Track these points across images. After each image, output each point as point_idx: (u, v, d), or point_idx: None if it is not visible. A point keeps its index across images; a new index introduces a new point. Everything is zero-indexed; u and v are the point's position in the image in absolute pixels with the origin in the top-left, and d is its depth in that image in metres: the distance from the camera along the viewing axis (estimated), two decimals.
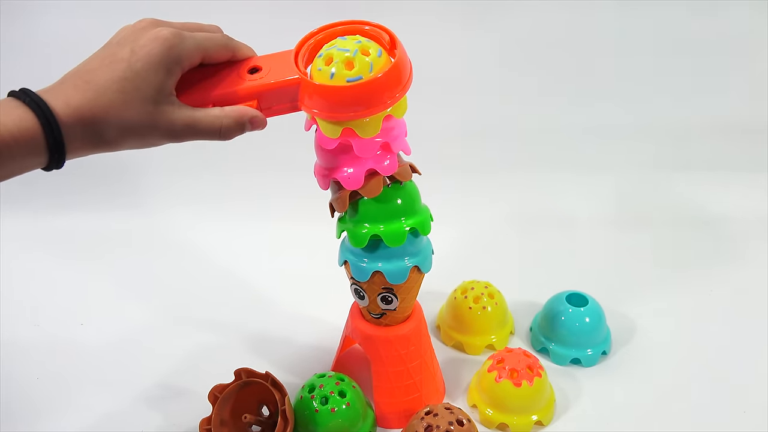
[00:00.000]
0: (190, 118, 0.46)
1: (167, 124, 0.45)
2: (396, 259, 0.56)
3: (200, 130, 0.46)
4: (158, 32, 0.44)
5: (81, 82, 0.43)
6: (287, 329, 0.76)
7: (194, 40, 0.46)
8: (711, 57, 1.01)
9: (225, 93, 0.48)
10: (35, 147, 0.41)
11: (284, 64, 0.49)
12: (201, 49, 0.47)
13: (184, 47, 0.45)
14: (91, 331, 0.77)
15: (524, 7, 0.98)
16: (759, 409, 0.64)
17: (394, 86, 0.48)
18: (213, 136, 0.47)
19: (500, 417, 0.62)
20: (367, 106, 0.48)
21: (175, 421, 0.63)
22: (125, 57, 0.43)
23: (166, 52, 0.44)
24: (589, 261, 0.88)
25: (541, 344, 0.71)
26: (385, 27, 0.51)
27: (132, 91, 0.43)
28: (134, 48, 0.44)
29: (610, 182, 1.01)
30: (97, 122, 0.42)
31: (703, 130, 1.03)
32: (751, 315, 0.77)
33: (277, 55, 0.50)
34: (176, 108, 0.45)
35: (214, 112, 0.47)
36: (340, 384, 0.59)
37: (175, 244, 0.93)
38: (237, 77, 0.49)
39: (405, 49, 0.50)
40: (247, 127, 0.48)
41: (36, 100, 0.41)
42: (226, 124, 0.47)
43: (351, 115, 0.48)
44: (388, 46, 0.50)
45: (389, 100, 0.48)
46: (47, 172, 0.44)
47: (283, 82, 0.49)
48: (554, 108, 1.03)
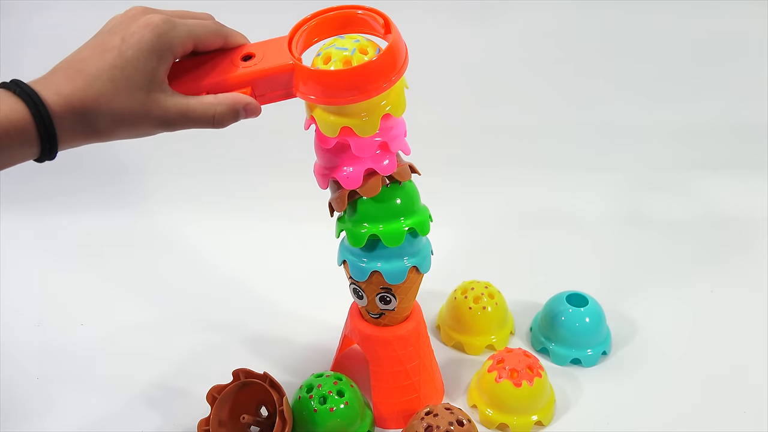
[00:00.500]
0: (183, 106, 0.45)
1: (160, 113, 0.44)
2: (395, 259, 0.56)
3: (193, 118, 0.45)
4: (149, 19, 0.44)
5: (72, 72, 0.42)
6: (286, 329, 0.75)
7: (186, 27, 0.45)
8: (713, 58, 1.01)
9: (218, 80, 0.48)
10: (27, 138, 0.40)
11: (278, 50, 0.49)
12: (193, 36, 0.46)
13: (176, 34, 0.45)
14: (91, 331, 0.77)
15: (526, 4, 0.98)
16: (759, 409, 0.63)
17: (389, 70, 0.47)
18: (206, 124, 0.46)
19: (500, 417, 0.62)
20: (362, 90, 0.47)
21: (173, 421, 0.63)
22: (116, 45, 0.43)
23: (157, 39, 0.43)
24: (589, 261, 0.88)
25: (541, 344, 0.71)
26: (378, 11, 0.50)
27: (123, 80, 0.42)
28: (125, 36, 0.43)
29: (610, 182, 1.01)
30: (89, 112, 0.42)
31: (702, 130, 1.03)
32: (752, 315, 0.76)
33: (271, 42, 0.50)
34: (168, 96, 0.45)
35: (207, 100, 0.46)
36: (338, 383, 0.59)
37: (175, 244, 0.93)
38: (230, 64, 0.48)
39: (400, 33, 0.49)
40: (241, 114, 0.47)
41: (27, 91, 0.41)
42: (219, 112, 0.46)
43: (347, 100, 0.48)
44: (383, 30, 0.49)
45: (385, 83, 0.48)
46: (39, 163, 0.43)
47: (277, 68, 0.48)
48: (554, 108, 1.03)
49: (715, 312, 0.77)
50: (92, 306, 0.81)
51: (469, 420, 0.56)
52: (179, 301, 0.81)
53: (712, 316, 0.77)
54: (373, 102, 0.49)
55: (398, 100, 0.51)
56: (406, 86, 0.52)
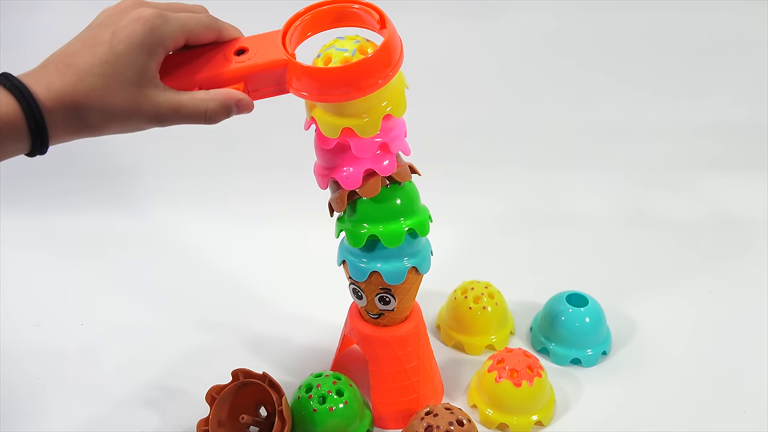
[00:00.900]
0: (174, 102, 0.44)
1: (151, 108, 0.44)
2: (394, 260, 0.56)
3: (185, 113, 0.45)
4: (140, 13, 0.43)
5: (62, 66, 0.42)
6: (285, 329, 0.75)
7: (178, 20, 0.45)
8: (715, 58, 1.01)
9: (211, 75, 0.47)
10: (17, 132, 0.40)
11: (272, 45, 0.48)
12: (185, 30, 0.45)
13: (167, 28, 0.44)
14: (91, 331, 0.77)
15: (526, 4, 0.98)
16: (759, 409, 0.63)
17: (385, 65, 0.47)
18: (198, 119, 0.46)
19: (500, 417, 0.62)
20: (357, 87, 0.46)
21: (173, 421, 0.63)
22: (106, 39, 0.42)
23: (148, 34, 0.43)
24: (589, 261, 0.88)
25: (541, 344, 0.71)
26: (373, 5, 0.49)
27: (113, 75, 0.42)
28: (115, 30, 0.42)
29: (609, 182, 1.01)
30: (79, 107, 0.42)
31: (702, 129, 1.03)
32: (752, 315, 0.76)
33: (265, 36, 0.49)
34: (160, 91, 0.44)
35: (199, 95, 0.45)
36: (337, 383, 0.59)
37: (174, 244, 0.93)
38: (223, 59, 0.48)
39: (395, 28, 0.48)
40: (234, 110, 0.46)
41: (17, 85, 0.40)
42: (211, 107, 0.45)
43: (342, 97, 0.47)
44: (378, 25, 0.49)
45: (381, 79, 0.47)
46: (31, 158, 0.43)
47: (270, 63, 0.47)
48: (553, 108, 1.03)
49: (715, 312, 0.77)
50: (92, 306, 0.81)
51: (469, 420, 0.56)
52: (179, 301, 0.81)
53: (712, 316, 0.77)
54: (374, 103, 0.49)
55: (399, 100, 0.51)
56: (407, 86, 0.52)
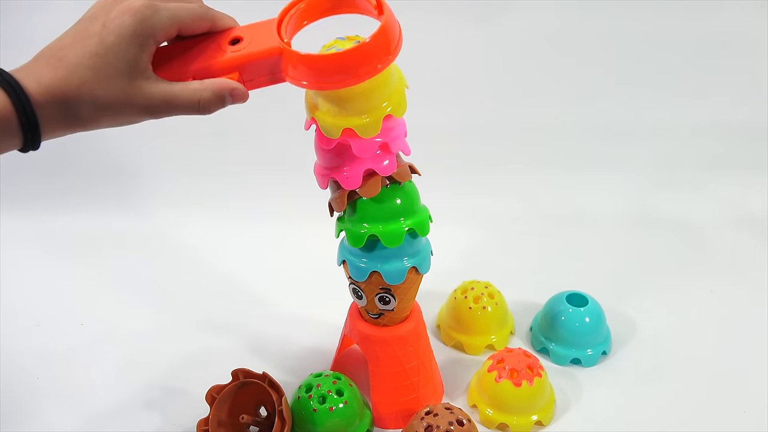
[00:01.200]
0: (167, 93, 0.44)
1: (143, 100, 0.43)
2: (394, 260, 0.56)
3: (178, 104, 0.44)
4: (130, 4, 0.43)
5: (53, 60, 0.41)
6: (285, 329, 0.75)
7: (169, 11, 0.44)
8: (716, 58, 1.01)
9: (205, 66, 0.46)
10: (9, 128, 0.40)
11: (267, 33, 0.47)
12: (176, 21, 0.45)
13: (158, 19, 0.43)
14: (91, 331, 0.77)
15: (529, 5, 0.98)
16: (759, 409, 0.63)
17: (383, 51, 0.46)
18: (192, 110, 0.45)
19: (500, 417, 0.61)
20: (354, 73, 0.46)
21: (173, 421, 0.63)
22: (97, 31, 0.42)
23: (138, 25, 0.42)
24: (589, 261, 0.88)
25: (541, 344, 0.71)
26: None
27: (104, 67, 0.41)
28: (105, 22, 0.42)
29: (609, 182, 1.01)
30: (71, 101, 0.41)
31: (703, 129, 1.03)
32: (752, 315, 0.76)
33: (259, 25, 0.48)
34: (152, 83, 0.44)
35: (192, 86, 0.45)
36: (337, 383, 0.59)
37: (174, 245, 0.93)
38: (217, 49, 0.47)
39: (392, 12, 0.47)
40: (228, 100, 0.46)
41: (8, 80, 0.40)
42: (205, 98, 0.45)
43: (340, 84, 0.46)
44: (375, 11, 0.48)
45: (379, 64, 0.46)
46: (24, 153, 0.43)
47: (265, 52, 0.46)
48: (553, 108, 1.03)
49: (715, 312, 0.77)
50: (92, 306, 0.81)
51: (469, 420, 0.56)
52: (178, 301, 0.81)
53: (713, 316, 0.77)
54: (375, 103, 0.49)
55: (399, 100, 0.51)
56: (407, 86, 0.52)
